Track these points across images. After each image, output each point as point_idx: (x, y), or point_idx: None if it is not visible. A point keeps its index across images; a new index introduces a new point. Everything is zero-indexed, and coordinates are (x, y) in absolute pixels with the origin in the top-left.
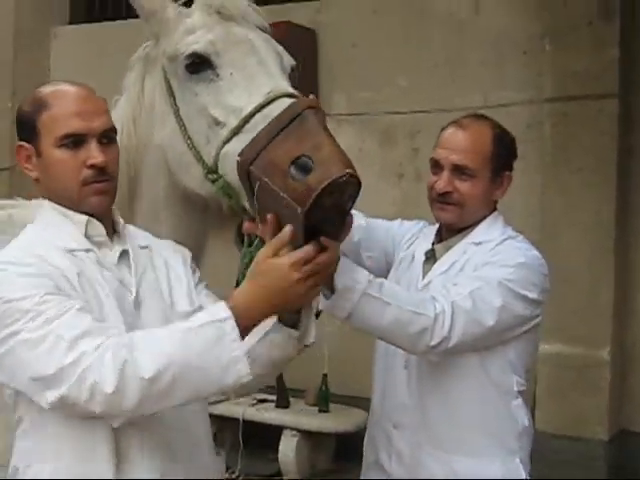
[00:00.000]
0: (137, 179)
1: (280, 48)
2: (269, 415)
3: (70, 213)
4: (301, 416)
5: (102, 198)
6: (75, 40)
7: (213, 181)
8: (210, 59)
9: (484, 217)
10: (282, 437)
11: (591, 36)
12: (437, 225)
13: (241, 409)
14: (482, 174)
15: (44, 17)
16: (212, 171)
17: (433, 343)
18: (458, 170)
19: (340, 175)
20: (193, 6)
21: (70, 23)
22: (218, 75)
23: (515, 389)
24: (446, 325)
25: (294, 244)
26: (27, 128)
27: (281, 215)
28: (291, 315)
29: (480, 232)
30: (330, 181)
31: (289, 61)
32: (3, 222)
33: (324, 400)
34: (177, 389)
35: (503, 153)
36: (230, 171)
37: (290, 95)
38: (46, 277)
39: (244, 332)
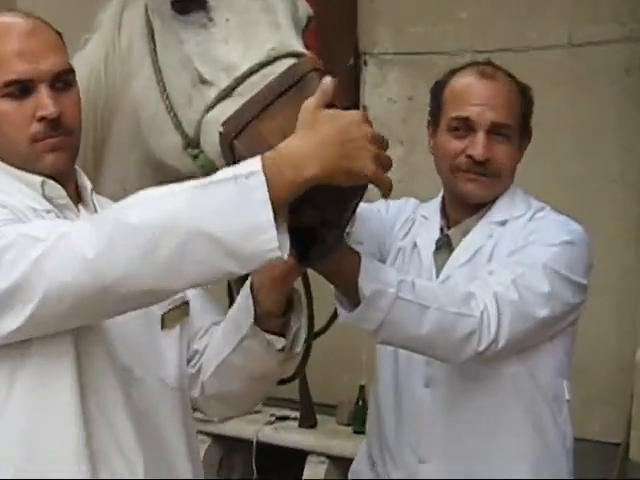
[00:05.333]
0: (106, 140)
1: None
2: (291, 436)
3: (22, 174)
4: (331, 438)
5: (58, 155)
6: None
7: (193, 157)
8: None
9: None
10: (307, 464)
11: None
12: (434, 202)
13: (255, 428)
14: (515, 136)
15: None
16: (193, 144)
17: (481, 348)
18: (493, 131)
19: None
20: None
21: None
22: (211, 19)
23: (566, 397)
24: (493, 324)
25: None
26: None
27: None
28: (274, 319)
29: (501, 209)
30: None
31: (305, 11)
32: None
33: (360, 418)
34: (179, 259)
35: (528, 112)
36: (213, 145)
37: (298, 55)
38: (6, 208)
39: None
